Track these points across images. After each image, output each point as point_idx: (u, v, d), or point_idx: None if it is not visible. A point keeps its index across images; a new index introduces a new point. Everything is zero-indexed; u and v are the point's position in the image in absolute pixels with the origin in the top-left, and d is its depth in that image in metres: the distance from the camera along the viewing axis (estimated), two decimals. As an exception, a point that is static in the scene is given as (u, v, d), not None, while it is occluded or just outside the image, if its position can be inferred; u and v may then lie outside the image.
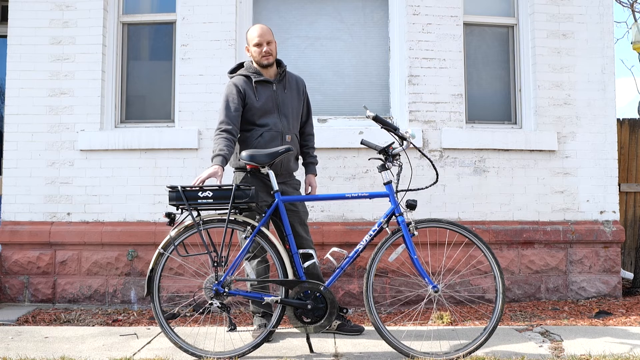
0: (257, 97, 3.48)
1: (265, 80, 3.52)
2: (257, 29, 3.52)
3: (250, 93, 3.48)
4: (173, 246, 3.14)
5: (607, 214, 4.90)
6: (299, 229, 3.53)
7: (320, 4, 5.06)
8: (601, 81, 4.96)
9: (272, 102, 3.51)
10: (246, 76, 3.53)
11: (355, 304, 4.58)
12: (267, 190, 3.43)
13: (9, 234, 4.67)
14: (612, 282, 4.82)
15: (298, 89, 3.66)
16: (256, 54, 3.51)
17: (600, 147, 4.92)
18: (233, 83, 3.51)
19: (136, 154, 4.74)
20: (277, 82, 3.56)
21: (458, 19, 4.89)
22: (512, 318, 4.19)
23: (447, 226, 3.18)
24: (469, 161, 4.81)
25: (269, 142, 3.44)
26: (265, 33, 3.50)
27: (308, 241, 3.57)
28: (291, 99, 3.59)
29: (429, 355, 3.04)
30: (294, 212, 3.52)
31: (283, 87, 3.57)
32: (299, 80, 3.70)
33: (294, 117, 3.60)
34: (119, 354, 3.24)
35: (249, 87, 3.49)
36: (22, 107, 4.77)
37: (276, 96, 3.53)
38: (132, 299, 4.62)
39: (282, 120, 3.51)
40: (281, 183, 3.47)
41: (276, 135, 3.48)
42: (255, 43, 3.49)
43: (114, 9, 4.92)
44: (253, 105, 3.47)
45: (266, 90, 3.52)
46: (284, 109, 3.54)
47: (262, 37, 3.48)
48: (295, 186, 3.64)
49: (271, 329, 3.14)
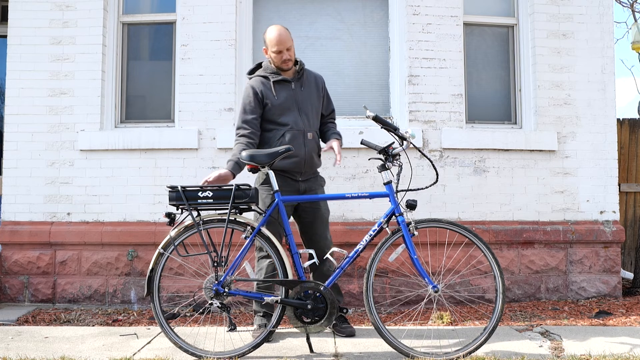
0: (276, 97, 3.51)
1: (283, 80, 3.55)
2: (277, 35, 3.49)
3: (268, 93, 3.51)
4: (173, 246, 3.15)
5: (607, 214, 4.90)
6: (321, 228, 3.59)
7: (320, 4, 5.06)
8: (601, 81, 4.96)
9: (291, 100, 3.54)
10: (264, 77, 3.56)
11: (355, 304, 4.58)
12: (292, 189, 3.50)
13: (9, 234, 4.67)
14: (612, 282, 4.82)
15: (317, 86, 3.68)
16: (277, 60, 3.53)
17: (600, 147, 4.92)
18: (250, 85, 3.55)
19: (136, 154, 4.74)
20: (295, 81, 3.59)
21: (458, 19, 4.89)
22: (512, 318, 4.19)
23: (447, 226, 3.18)
24: (469, 161, 4.81)
25: (291, 141, 3.48)
26: (284, 39, 3.49)
27: (328, 241, 3.60)
28: (310, 96, 3.62)
29: (429, 355, 3.04)
30: (316, 210, 3.58)
31: (301, 85, 3.60)
32: (318, 77, 3.73)
33: (314, 115, 3.63)
34: (119, 354, 3.24)
35: (267, 87, 3.53)
36: (22, 107, 4.77)
37: (295, 95, 3.56)
38: (132, 299, 4.62)
39: (302, 118, 3.54)
40: (306, 181, 3.56)
41: (298, 134, 3.51)
42: (275, 50, 3.50)
43: (114, 9, 4.92)
44: (273, 104, 3.50)
45: (285, 89, 3.55)
46: (303, 107, 3.57)
47: (281, 45, 3.48)
48: (321, 182, 3.69)
49: (271, 329, 3.14)
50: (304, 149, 3.50)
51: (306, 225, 3.61)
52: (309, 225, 3.60)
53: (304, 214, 3.58)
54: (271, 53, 3.53)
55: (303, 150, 3.50)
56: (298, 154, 3.47)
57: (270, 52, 3.53)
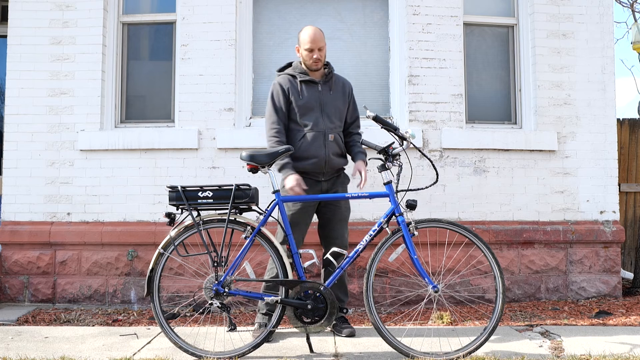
0: (300, 96, 3.57)
1: (311, 80, 3.60)
2: (311, 33, 3.56)
3: (294, 91, 3.57)
4: (173, 246, 3.15)
5: (607, 214, 4.90)
6: (337, 226, 3.64)
7: (320, 4, 5.06)
8: (601, 81, 4.96)
9: (315, 101, 3.58)
10: (292, 75, 3.62)
11: (355, 304, 4.58)
12: (315, 189, 3.57)
13: (9, 234, 4.67)
14: (612, 282, 4.82)
15: (344, 91, 3.72)
16: (307, 59, 3.58)
17: (600, 147, 4.92)
18: (277, 82, 3.61)
19: (136, 154, 4.74)
20: (322, 83, 3.64)
21: (458, 19, 4.89)
22: (512, 318, 4.19)
23: (447, 226, 3.19)
24: (469, 161, 4.81)
25: (312, 142, 3.53)
26: (318, 39, 3.56)
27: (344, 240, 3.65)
28: (335, 99, 3.65)
29: (428, 355, 3.04)
30: (336, 208, 3.63)
31: (329, 88, 3.65)
32: (346, 83, 3.77)
33: (337, 118, 3.65)
34: (119, 354, 3.24)
35: (293, 85, 3.58)
36: (22, 107, 4.77)
37: (320, 96, 3.60)
38: (132, 299, 4.62)
39: (324, 119, 3.58)
40: (328, 180, 3.62)
41: (318, 134, 3.55)
42: (307, 48, 3.55)
43: (114, 9, 4.92)
44: (296, 103, 3.56)
45: (311, 90, 3.60)
46: (326, 109, 3.60)
47: (314, 43, 3.54)
48: (343, 181, 3.74)
49: (271, 329, 3.14)
50: (324, 150, 3.54)
51: (324, 221, 3.69)
52: (327, 222, 3.67)
53: (324, 210, 3.65)
54: (303, 51, 3.59)
55: (323, 151, 3.54)
56: (317, 155, 3.53)
57: (302, 50, 3.59)
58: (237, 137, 4.68)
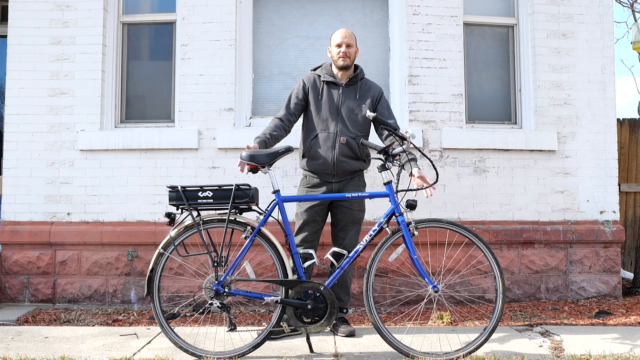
0: (320, 96, 3.62)
1: (333, 82, 3.63)
2: (342, 32, 3.66)
3: (314, 90, 3.63)
4: (173, 246, 3.15)
5: (607, 214, 4.90)
6: (347, 228, 3.64)
7: (320, 4, 5.06)
8: (601, 81, 4.96)
9: (333, 103, 3.61)
10: (318, 75, 3.68)
11: (355, 304, 4.58)
12: (325, 189, 3.61)
13: (9, 234, 4.67)
14: (612, 282, 4.82)
15: (371, 96, 3.67)
16: (334, 54, 3.64)
17: (600, 147, 4.92)
18: (302, 78, 3.71)
19: (136, 154, 4.74)
20: (345, 86, 3.65)
21: (458, 19, 4.89)
22: (512, 318, 4.19)
23: (447, 226, 3.19)
24: (469, 161, 4.81)
25: (322, 143, 3.57)
26: (347, 35, 3.63)
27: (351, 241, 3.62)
28: (358, 104, 3.64)
29: (428, 355, 3.05)
30: (347, 209, 3.63)
31: (353, 92, 3.65)
32: (374, 87, 3.74)
33: (355, 122, 3.62)
34: (119, 354, 3.24)
35: (315, 84, 3.64)
36: (22, 107, 4.77)
37: (340, 98, 3.62)
38: (132, 299, 4.62)
39: (338, 121, 3.59)
40: (340, 182, 3.62)
41: (329, 136, 3.58)
42: (337, 43, 3.62)
43: (114, 9, 4.92)
44: (314, 103, 3.62)
45: (332, 91, 3.64)
46: (344, 112, 3.61)
47: (343, 39, 3.61)
48: (358, 183, 3.69)
49: (271, 329, 3.14)
50: (332, 152, 3.55)
51: (335, 222, 3.71)
52: (337, 222, 3.69)
53: (336, 211, 3.67)
54: (332, 48, 3.65)
55: (331, 153, 3.55)
56: (326, 156, 3.56)
57: (332, 47, 3.66)
58: (237, 137, 4.68)
